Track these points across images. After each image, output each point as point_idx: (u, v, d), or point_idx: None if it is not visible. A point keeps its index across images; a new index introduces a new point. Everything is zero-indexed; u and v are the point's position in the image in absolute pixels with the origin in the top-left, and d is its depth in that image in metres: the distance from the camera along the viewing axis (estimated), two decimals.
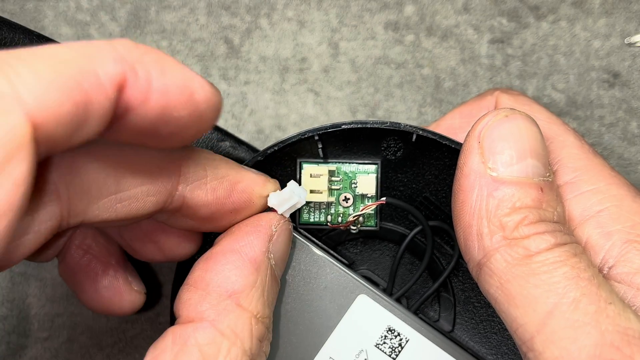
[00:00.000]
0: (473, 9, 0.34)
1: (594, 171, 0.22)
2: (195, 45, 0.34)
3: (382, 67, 0.34)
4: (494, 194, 0.20)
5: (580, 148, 0.23)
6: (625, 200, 0.22)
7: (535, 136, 0.21)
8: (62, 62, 0.14)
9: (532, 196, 0.20)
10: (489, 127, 0.21)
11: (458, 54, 0.34)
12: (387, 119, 0.34)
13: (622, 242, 0.21)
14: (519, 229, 0.20)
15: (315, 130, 0.24)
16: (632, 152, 0.34)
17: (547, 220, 0.20)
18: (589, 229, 0.21)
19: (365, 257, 0.27)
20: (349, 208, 0.25)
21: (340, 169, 0.25)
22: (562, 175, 0.23)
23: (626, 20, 0.34)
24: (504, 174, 0.20)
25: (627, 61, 0.34)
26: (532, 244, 0.20)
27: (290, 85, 0.34)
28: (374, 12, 0.34)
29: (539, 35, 0.34)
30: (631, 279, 0.20)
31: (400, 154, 0.25)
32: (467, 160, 0.21)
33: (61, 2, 0.35)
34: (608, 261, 0.21)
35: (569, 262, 0.19)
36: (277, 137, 0.34)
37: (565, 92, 0.34)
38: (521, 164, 0.20)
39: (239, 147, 0.28)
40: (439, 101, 0.34)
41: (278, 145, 0.24)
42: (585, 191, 0.22)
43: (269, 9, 0.35)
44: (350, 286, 0.24)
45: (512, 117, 0.21)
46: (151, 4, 0.35)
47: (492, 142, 0.21)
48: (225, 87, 0.34)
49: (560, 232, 0.20)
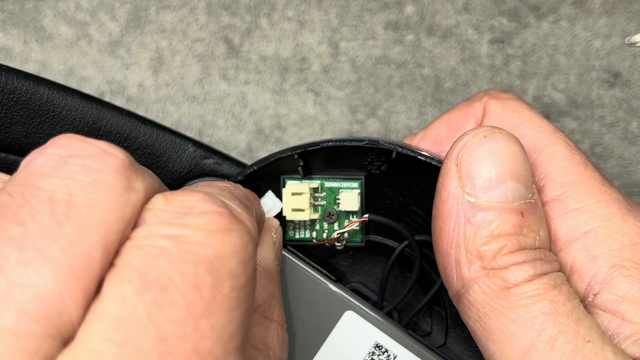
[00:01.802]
0: (473, 8, 0.34)
1: (583, 187, 0.21)
2: (195, 45, 0.34)
3: (382, 67, 0.34)
4: (471, 220, 0.19)
5: (570, 160, 0.22)
6: (614, 220, 0.20)
7: (516, 156, 0.20)
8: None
9: (511, 222, 0.19)
10: (467, 149, 0.20)
11: (458, 54, 0.34)
12: (387, 118, 0.34)
13: (608, 267, 0.20)
14: (497, 258, 0.19)
15: (294, 149, 0.23)
16: (632, 152, 0.33)
17: (527, 247, 0.19)
18: (575, 251, 0.20)
19: (356, 269, 0.27)
20: (333, 224, 0.25)
21: (323, 185, 0.24)
22: (550, 191, 0.21)
23: (627, 20, 0.34)
24: (482, 200, 0.19)
25: (627, 61, 0.34)
26: (510, 275, 0.19)
27: (290, 85, 0.34)
28: (374, 12, 0.34)
29: (540, 35, 0.34)
30: (616, 308, 0.19)
31: (385, 168, 0.24)
32: (444, 185, 0.20)
33: (61, 1, 0.35)
34: (593, 287, 0.20)
35: (548, 296, 0.18)
36: (277, 137, 0.34)
37: (565, 92, 0.34)
38: (500, 187, 0.19)
39: (223, 163, 0.29)
40: (439, 101, 0.34)
41: (257, 165, 0.24)
42: (572, 210, 0.21)
43: (269, 9, 0.34)
44: (337, 302, 0.24)
45: (491, 138, 0.20)
46: (151, 4, 0.35)
47: (470, 165, 0.20)
48: (225, 87, 0.34)
49: (540, 261, 0.19)
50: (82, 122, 0.28)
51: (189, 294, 0.14)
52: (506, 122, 0.23)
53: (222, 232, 0.15)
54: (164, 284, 0.14)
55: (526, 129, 0.22)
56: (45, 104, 0.28)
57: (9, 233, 0.14)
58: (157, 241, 0.15)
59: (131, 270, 0.14)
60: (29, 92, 0.27)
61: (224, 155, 0.29)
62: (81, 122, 0.28)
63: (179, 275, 0.14)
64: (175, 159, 0.29)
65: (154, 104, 0.34)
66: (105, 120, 0.28)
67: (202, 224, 0.15)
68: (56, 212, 0.14)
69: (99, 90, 0.34)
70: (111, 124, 0.28)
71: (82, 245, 0.14)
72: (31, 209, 0.14)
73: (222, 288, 0.15)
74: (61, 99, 0.28)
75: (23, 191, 0.14)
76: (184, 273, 0.14)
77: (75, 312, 0.14)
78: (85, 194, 0.15)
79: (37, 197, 0.14)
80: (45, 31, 0.34)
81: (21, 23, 0.35)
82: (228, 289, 0.15)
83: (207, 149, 0.29)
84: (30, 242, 0.14)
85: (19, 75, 0.28)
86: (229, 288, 0.15)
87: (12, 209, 0.14)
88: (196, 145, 0.29)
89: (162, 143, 0.29)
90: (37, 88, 0.28)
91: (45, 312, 0.13)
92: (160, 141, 0.29)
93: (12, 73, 0.27)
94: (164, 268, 0.14)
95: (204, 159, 0.28)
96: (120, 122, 0.28)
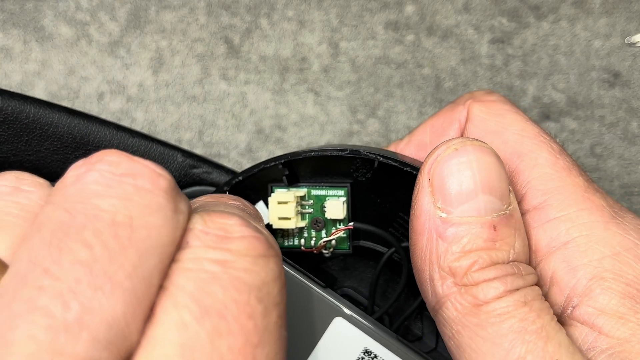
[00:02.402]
0: (473, 8, 0.34)
1: (565, 194, 0.20)
2: (195, 45, 0.34)
3: (382, 67, 0.34)
4: (443, 236, 0.19)
5: (553, 166, 0.21)
6: (595, 229, 0.20)
7: (488, 167, 0.19)
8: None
9: (483, 236, 0.19)
10: (438, 162, 0.20)
11: (458, 54, 0.34)
12: (387, 118, 0.34)
13: (587, 279, 0.19)
14: (468, 275, 0.19)
15: (277, 159, 0.24)
16: (632, 152, 0.33)
17: (500, 261, 0.19)
18: (555, 262, 0.20)
19: (348, 274, 0.27)
20: (321, 232, 0.25)
21: (310, 193, 0.24)
22: (531, 199, 0.21)
23: (627, 20, 0.34)
24: (454, 215, 0.19)
25: (627, 61, 0.34)
26: (480, 292, 0.18)
27: (290, 85, 0.34)
28: (374, 12, 0.34)
29: (540, 35, 0.34)
30: (594, 321, 0.19)
31: (370, 176, 0.24)
32: (417, 200, 0.20)
33: (61, 1, 0.35)
34: (573, 300, 0.19)
35: (517, 313, 0.18)
36: (277, 137, 0.34)
37: (565, 92, 0.34)
38: (472, 201, 0.19)
39: (212, 171, 0.29)
40: (439, 101, 0.34)
41: (243, 175, 0.24)
42: (552, 219, 0.20)
43: (269, 9, 0.34)
44: (327, 309, 0.24)
45: (462, 150, 0.20)
46: (151, 4, 0.35)
47: (441, 180, 0.20)
48: (225, 87, 0.34)
49: (512, 276, 0.19)
50: (70, 138, 0.28)
51: (245, 323, 0.14)
52: (489, 126, 0.22)
53: (263, 258, 0.16)
54: (222, 312, 0.14)
55: (509, 134, 0.22)
56: (32, 122, 0.28)
57: (77, 255, 0.14)
58: (206, 265, 0.15)
59: (186, 296, 0.14)
60: (15, 111, 0.28)
61: (213, 164, 0.29)
62: (69, 138, 0.28)
63: (233, 303, 0.14)
64: (165, 168, 0.29)
65: (154, 104, 0.34)
66: (93, 135, 0.29)
67: (243, 249, 0.15)
68: (119, 235, 0.14)
69: (99, 90, 0.34)
70: (99, 138, 0.29)
71: (144, 269, 0.14)
72: (96, 231, 0.14)
73: (271, 317, 0.15)
74: (48, 116, 0.28)
75: (83, 210, 0.14)
76: (238, 301, 0.14)
77: (136, 337, 0.14)
78: (143, 217, 0.15)
79: (99, 218, 0.14)
80: (45, 31, 0.34)
81: (21, 23, 0.35)
82: (275, 317, 0.15)
83: (196, 158, 0.29)
84: (99, 266, 0.14)
85: (4, 95, 0.28)
86: (276, 316, 0.15)
87: (76, 228, 0.14)
88: (185, 154, 0.29)
89: (151, 154, 0.29)
90: (23, 107, 0.28)
91: (113, 337, 0.13)
92: (149, 152, 0.29)
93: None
94: (219, 295, 0.14)
95: (193, 168, 0.29)
96: (108, 136, 0.29)
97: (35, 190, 0.16)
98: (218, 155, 0.34)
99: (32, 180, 0.16)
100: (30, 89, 0.34)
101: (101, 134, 0.29)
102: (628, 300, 0.19)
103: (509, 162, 0.22)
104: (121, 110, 0.34)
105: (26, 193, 0.16)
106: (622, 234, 0.20)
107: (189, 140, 0.34)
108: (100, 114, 0.34)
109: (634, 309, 0.19)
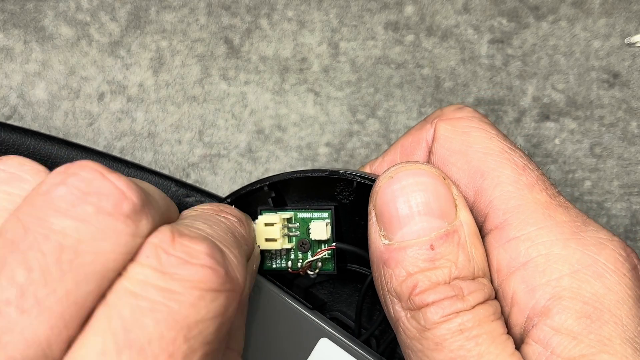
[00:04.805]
0: (473, 9, 0.34)
1: (526, 212, 0.20)
2: (195, 45, 0.34)
3: (382, 67, 0.34)
4: (387, 262, 0.19)
5: (514, 183, 0.21)
6: (554, 248, 0.20)
7: (424, 189, 0.20)
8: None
9: (422, 257, 0.19)
10: (377, 193, 0.20)
11: (458, 54, 0.34)
12: (387, 119, 0.34)
13: (546, 299, 0.19)
14: (410, 299, 0.19)
15: (262, 181, 0.25)
16: (632, 152, 0.34)
17: (440, 281, 0.19)
18: (515, 283, 0.20)
19: (336, 298, 0.27)
20: (307, 253, 0.25)
21: (296, 216, 0.25)
22: (493, 218, 0.21)
23: (626, 20, 0.34)
24: (394, 240, 0.19)
25: (627, 61, 0.34)
26: (421, 318, 0.19)
27: (290, 85, 0.34)
28: (374, 12, 0.34)
29: (539, 36, 0.34)
30: (548, 340, 0.19)
31: (353, 198, 0.25)
32: (369, 231, 0.21)
33: (61, 2, 0.35)
34: (532, 319, 0.19)
35: (454, 341, 0.18)
36: (277, 137, 0.34)
37: (565, 92, 0.34)
38: (408, 225, 0.19)
39: (205, 200, 0.30)
40: (439, 101, 0.34)
41: (231, 197, 0.25)
42: (512, 238, 0.20)
43: (269, 9, 0.35)
44: (313, 330, 0.24)
45: (397, 177, 0.20)
46: (151, 4, 0.35)
47: (381, 208, 0.20)
48: (225, 87, 0.34)
49: (450, 300, 0.19)
50: None
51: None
52: (453, 146, 0.22)
53: (212, 293, 0.16)
54: (143, 347, 0.15)
55: (473, 152, 0.22)
56: (32, 154, 0.30)
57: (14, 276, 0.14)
58: (150, 293, 0.15)
59: (118, 323, 0.15)
60: (16, 143, 0.30)
61: (206, 193, 0.30)
62: None
63: (158, 339, 0.15)
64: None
65: (154, 104, 0.34)
66: None
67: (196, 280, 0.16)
68: (62, 260, 0.15)
69: (99, 90, 0.34)
70: None
71: (78, 295, 0.15)
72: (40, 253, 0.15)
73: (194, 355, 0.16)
74: (48, 148, 0.30)
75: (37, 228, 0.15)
76: (163, 338, 0.15)
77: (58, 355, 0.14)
78: (93, 241, 0.15)
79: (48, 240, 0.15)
80: (45, 31, 0.35)
81: (22, 23, 0.35)
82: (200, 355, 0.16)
83: (189, 188, 0.30)
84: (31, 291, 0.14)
85: (7, 128, 0.30)
86: (201, 354, 0.16)
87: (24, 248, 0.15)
88: (178, 184, 0.30)
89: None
90: (23, 139, 0.30)
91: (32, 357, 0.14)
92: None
93: (0, 126, 0.30)
94: (148, 329, 0.15)
95: (186, 197, 0.30)
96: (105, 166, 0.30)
97: (32, 180, 0.17)
98: (218, 155, 0.34)
99: (32, 167, 0.17)
100: (30, 89, 0.34)
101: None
102: (584, 320, 0.19)
103: (472, 181, 0.22)
104: (121, 110, 0.34)
105: (21, 182, 0.17)
106: (581, 250, 0.20)
107: (189, 141, 0.34)
108: (100, 114, 0.34)
109: (589, 328, 0.18)
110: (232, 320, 0.17)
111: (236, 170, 0.34)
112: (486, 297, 0.19)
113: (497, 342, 0.19)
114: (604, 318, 0.18)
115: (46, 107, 0.34)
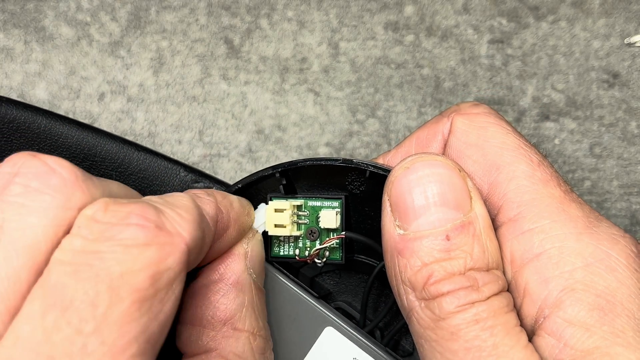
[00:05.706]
0: (473, 9, 0.34)
1: (540, 206, 0.21)
2: (195, 45, 0.35)
3: (382, 67, 0.34)
4: (402, 252, 0.20)
5: (529, 178, 0.21)
6: (568, 241, 0.20)
7: (440, 180, 0.20)
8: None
9: (438, 247, 0.19)
10: (393, 182, 0.20)
11: (458, 54, 0.34)
12: (387, 119, 0.34)
13: (558, 291, 0.19)
14: (425, 289, 0.19)
15: (275, 168, 0.24)
16: (631, 152, 0.34)
17: (455, 272, 0.19)
18: (528, 274, 0.20)
19: (342, 288, 0.27)
20: (315, 242, 0.25)
21: (307, 204, 0.25)
22: (507, 211, 0.21)
23: (626, 20, 0.34)
24: (410, 230, 0.20)
25: (626, 61, 0.34)
26: (436, 307, 0.19)
27: (290, 85, 0.34)
28: (374, 12, 0.34)
29: (539, 36, 0.34)
30: (561, 332, 0.19)
31: (364, 188, 0.25)
32: (383, 221, 0.21)
33: (61, 2, 0.35)
34: (544, 311, 0.19)
35: (469, 331, 0.18)
36: (277, 137, 0.34)
37: (565, 92, 0.34)
38: (424, 216, 0.20)
39: (212, 186, 0.30)
40: (439, 101, 0.34)
41: (242, 182, 0.25)
42: (526, 230, 0.20)
43: (269, 9, 0.35)
44: (318, 318, 0.24)
45: (413, 168, 0.20)
46: (151, 4, 0.35)
47: (397, 199, 0.20)
48: (225, 87, 0.34)
49: (465, 290, 0.19)
50: (79, 149, 0.30)
51: (84, 314, 0.15)
52: (470, 139, 0.23)
53: (139, 247, 0.16)
54: (66, 305, 0.15)
55: (489, 147, 0.22)
56: (43, 132, 0.30)
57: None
58: (77, 258, 0.16)
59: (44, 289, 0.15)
60: (28, 121, 0.30)
61: (214, 179, 0.30)
62: (77, 149, 0.30)
63: (81, 295, 0.15)
64: (168, 183, 0.31)
65: (154, 104, 0.34)
66: (100, 147, 0.30)
67: (123, 238, 0.16)
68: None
69: (99, 90, 0.34)
70: (106, 151, 0.30)
71: (8, 269, 0.15)
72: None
73: (120, 304, 0.16)
74: (58, 128, 0.30)
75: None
76: (86, 292, 0.15)
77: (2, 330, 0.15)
78: (20, 217, 0.16)
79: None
80: (46, 31, 0.35)
81: (22, 23, 0.35)
82: (128, 303, 0.16)
83: (198, 173, 0.30)
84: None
85: (18, 105, 0.30)
86: (128, 303, 0.16)
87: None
88: (187, 169, 0.30)
89: (155, 168, 0.31)
90: (35, 118, 0.30)
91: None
92: (153, 167, 0.31)
93: (12, 104, 0.30)
94: (70, 288, 0.15)
95: (194, 183, 0.30)
96: (114, 149, 0.31)
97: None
98: (218, 155, 0.34)
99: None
100: (31, 89, 0.34)
101: (108, 146, 0.31)
102: (597, 312, 0.19)
103: (487, 174, 0.22)
104: (122, 110, 0.34)
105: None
106: (594, 244, 0.20)
107: (189, 140, 0.34)
108: (100, 114, 0.34)
109: (602, 320, 0.18)
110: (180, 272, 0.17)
111: (236, 170, 0.34)
112: (500, 289, 0.20)
113: (512, 333, 0.19)
114: (617, 311, 0.18)
115: (46, 107, 0.34)
